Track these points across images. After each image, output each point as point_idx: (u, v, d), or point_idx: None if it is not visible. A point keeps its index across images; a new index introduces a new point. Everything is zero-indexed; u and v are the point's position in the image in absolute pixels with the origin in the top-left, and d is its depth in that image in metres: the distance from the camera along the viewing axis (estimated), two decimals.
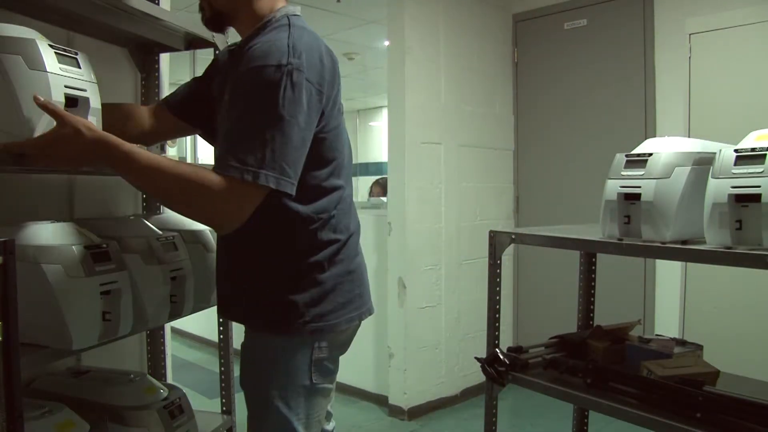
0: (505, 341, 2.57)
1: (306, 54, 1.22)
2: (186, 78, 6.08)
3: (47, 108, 1.13)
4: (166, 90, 2.21)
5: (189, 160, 5.83)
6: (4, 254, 1.03)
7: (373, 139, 9.72)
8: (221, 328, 2.07)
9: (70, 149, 1.14)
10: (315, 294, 1.31)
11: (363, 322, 1.45)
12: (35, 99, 1.12)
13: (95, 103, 1.32)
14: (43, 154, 1.14)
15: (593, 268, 2.11)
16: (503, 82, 3.98)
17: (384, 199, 4.11)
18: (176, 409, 1.67)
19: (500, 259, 1.80)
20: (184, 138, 6.05)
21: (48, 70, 1.19)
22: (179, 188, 1.18)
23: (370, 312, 1.45)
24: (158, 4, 1.90)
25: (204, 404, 3.01)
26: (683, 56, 3.22)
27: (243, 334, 1.50)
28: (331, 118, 1.31)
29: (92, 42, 1.92)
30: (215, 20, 1.40)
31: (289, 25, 1.27)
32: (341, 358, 1.46)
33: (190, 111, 1.54)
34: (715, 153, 1.33)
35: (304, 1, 4.96)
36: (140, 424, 1.57)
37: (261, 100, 1.18)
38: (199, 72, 1.58)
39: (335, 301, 1.34)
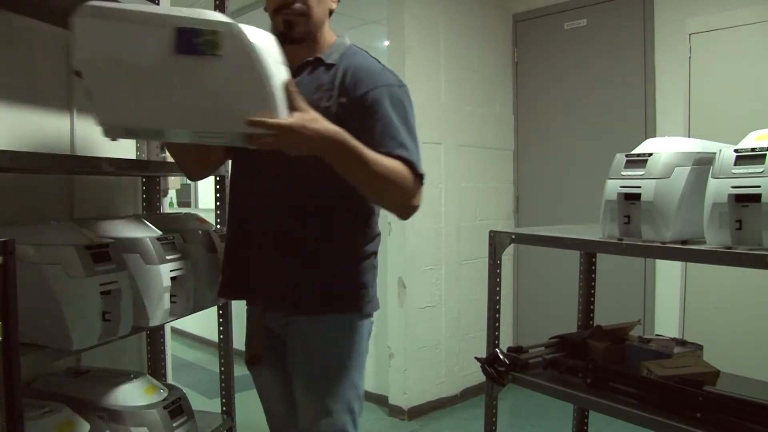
0: (505, 341, 2.57)
1: None
2: None
3: (293, 94, 1.20)
4: None
5: None
6: (4, 254, 1.03)
7: None
8: (221, 328, 2.07)
9: (311, 134, 1.21)
10: (371, 277, 1.51)
11: None
12: (288, 84, 1.19)
13: None
14: (289, 135, 1.19)
15: (593, 268, 2.11)
16: (503, 82, 3.98)
17: None
18: (176, 409, 1.67)
19: (500, 259, 1.80)
20: None
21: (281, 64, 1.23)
22: (393, 181, 1.33)
23: None
24: (158, 4, 1.90)
25: (204, 404, 3.01)
26: (683, 56, 3.22)
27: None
28: None
29: None
30: (300, 38, 1.43)
31: (367, 52, 1.48)
32: None
33: None
34: (715, 153, 1.33)
35: None
36: (140, 424, 1.57)
37: (401, 112, 1.39)
38: None
39: (376, 285, 1.53)
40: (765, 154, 1.23)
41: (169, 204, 2.69)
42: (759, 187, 1.22)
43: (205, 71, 1.12)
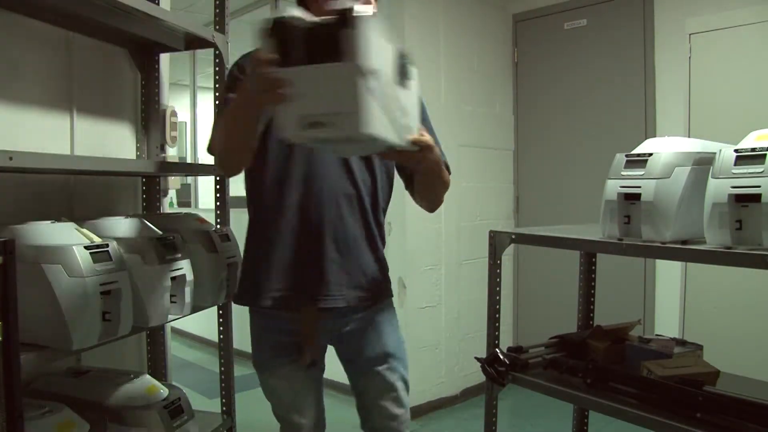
0: (505, 341, 2.56)
1: None
2: (186, 78, 6.05)
3: None
4: (166, 90, 2.21)
5: (189, 160, 5.83)
6: (4, 254, 1.04)
7: None
8: (221, 328, 2.07)
9: (435, 150, 1.42)
10: None
11: None
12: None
13: None
14: (429, 150, 1.38)
15: (593, 268, 2.10)
16: (503, 82, 3.97)
17: None
18: (176, 409, 1.68)
19: (500, 259, 1.80)
20: (183, 138, 6.06)
21: None
22: (446, 183, 1.58)
23: None
24: (158, 4, 1.91)
25: (204, 404, 3.01)
26: (683, 56, 3.22)
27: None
28: None
29: (92, 42, 1.93)
30: None
31: None
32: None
33: None
34: (715, 153, 1.33)
35: None
36: (140, 424, 1.57)
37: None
38: (199, 72, 1.59)
39: None
40: (765, 154, 1.23)
41: (169, 204, 2.69)
42: (759, 187, 1.21)
43: (403, 92, 1.22)
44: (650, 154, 1.44)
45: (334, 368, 1.66)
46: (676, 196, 1.38)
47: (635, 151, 1.50)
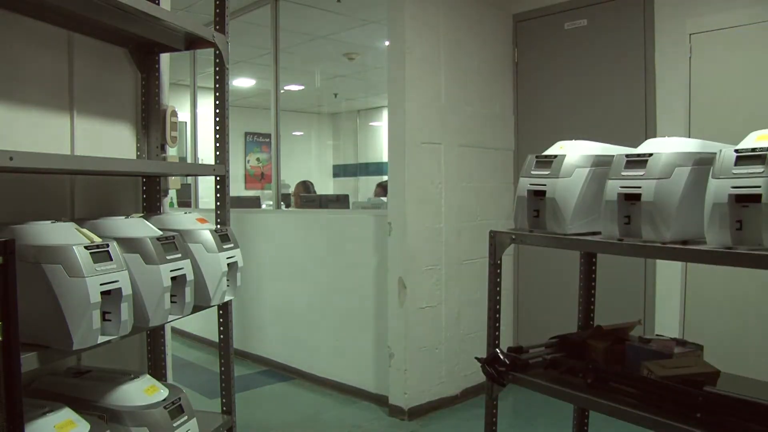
0: (505, 341, 2.57)
1: None
2: (186, 78, 6.04)
3: None
4: (166, 90, 2.21)
5: (189, 160, 5.83)
6: (4, 254, 1.03)
7: (373, 139, 9.73)
8: (221, 328, 2.07)
9: None
10: None
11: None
12: None
13: None
14: None
15: (593, 268, 2.11)
16: (503, 82, 3.97)
17: (384, 198, 4.10)
18: (176, 409, 1.68)
19: (500, 259, 1.80)
20: (183, 138, 6.06)
21: None
22: None
23: None
24: (158, 4, 1.91)
25: (204, 404, 3.02)
26: (683, 56, 3.22)
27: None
28: None
29: (92, 42, 1.93)
30: None
31: None
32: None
33: None
34: (715, 153, 1.33)
35: (304, 1, 4.93)
36: (140, 424, 1.57)
37: None
38: (199, 72, 1.58)
39: None
40: (765, 155, 1.23)
41: (169, 204, 2.70)
42: (759, 187, 1.21)
43: None
44: (650, 154, 1.44)
45: (333, 367, 1.66)
46: (676, 197, 1.38)
47: (635, 151, 1.50)
